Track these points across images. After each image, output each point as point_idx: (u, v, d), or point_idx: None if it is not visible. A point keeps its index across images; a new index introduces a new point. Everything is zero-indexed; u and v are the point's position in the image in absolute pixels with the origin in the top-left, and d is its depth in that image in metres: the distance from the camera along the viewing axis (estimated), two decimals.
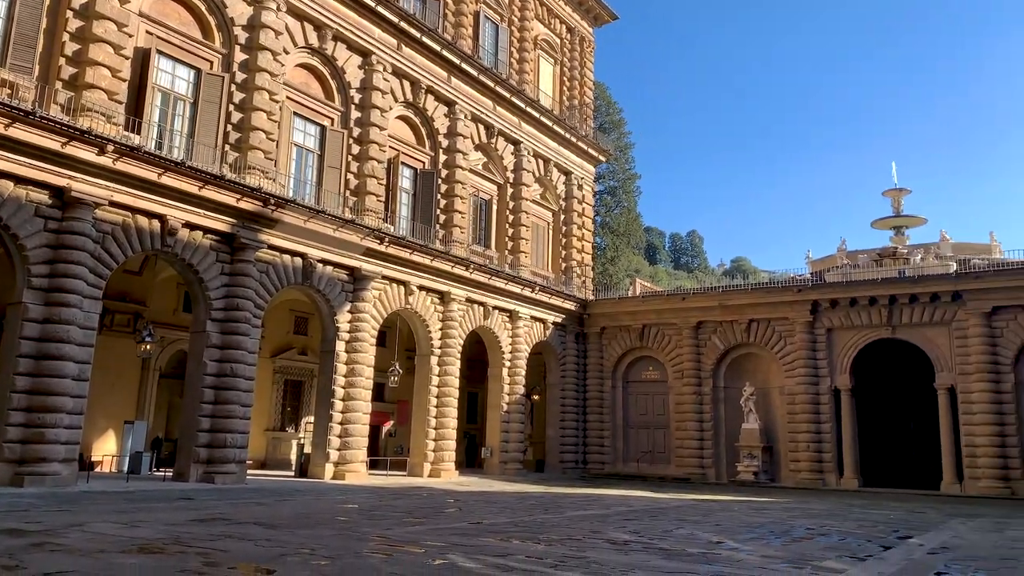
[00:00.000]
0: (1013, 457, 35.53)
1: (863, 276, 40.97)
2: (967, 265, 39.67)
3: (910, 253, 42.58)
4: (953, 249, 43.31)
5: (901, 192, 49.89)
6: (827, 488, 38.46)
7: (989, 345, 36.87)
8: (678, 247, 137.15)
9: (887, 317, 39.49)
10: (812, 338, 41.14)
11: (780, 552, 14.50)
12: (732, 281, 51.87)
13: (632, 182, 75.84)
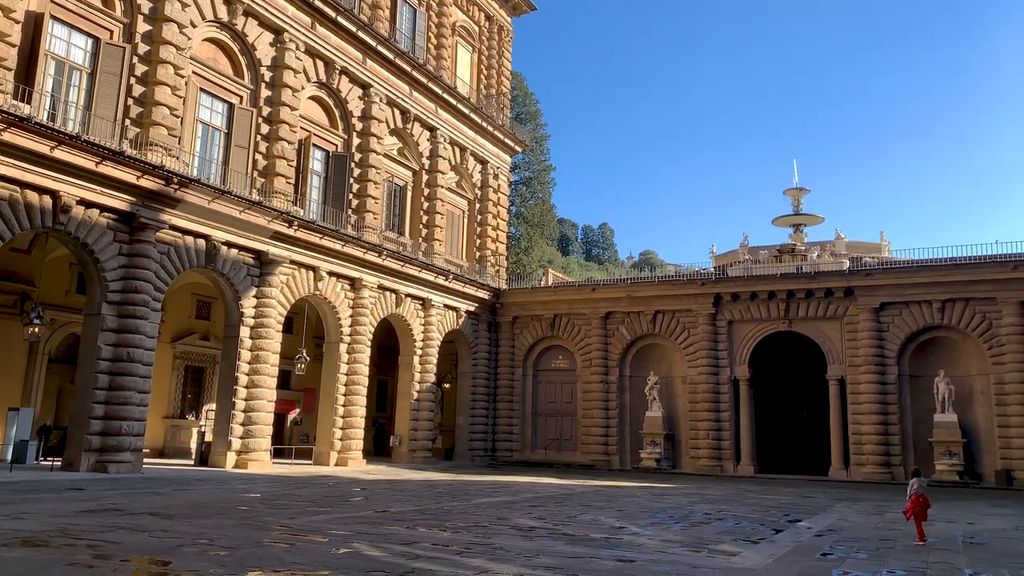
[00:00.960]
0: (895, 444, 37.85)
1: (763, 271, 42.66)
2: (859, 263, 41.89)
3: (807, 250, 44.57)
4: (847, 247, 45.53)
5: (801, 191, 52.04)
6: (725, 474, 40.02)
7: (877, 339, 39.09)
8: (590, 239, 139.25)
9: (784, 311, 41.31)
10: (714, 330, 42.63)
11: (679, 536, 15.03)
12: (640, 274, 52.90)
13: (547, 173, 76.49)
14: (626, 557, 11.96)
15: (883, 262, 42.77)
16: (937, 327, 38.47)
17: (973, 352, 37.85)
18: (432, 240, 43.07)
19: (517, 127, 55.17)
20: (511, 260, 64.53)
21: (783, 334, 41.84)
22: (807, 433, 45.37)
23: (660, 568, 10.99)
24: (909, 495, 15.23)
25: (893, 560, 12.46)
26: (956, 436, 36.07)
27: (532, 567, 10.71)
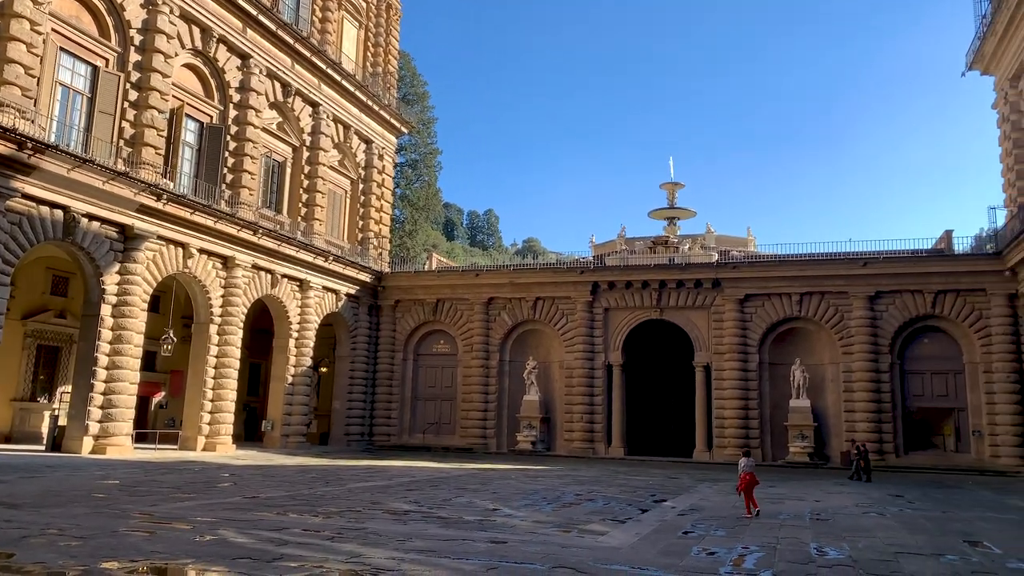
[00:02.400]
0: (754, 428, 40.22)
1: (638, 261, 44.17)
2: (727, 256, 44.15)
3: (680, 243, 46.48)
4: (716, 241, 47.84)
5: (676, 186, 54.13)
6: (597, 456, 41.34)
7: (741, 328, 41.33)
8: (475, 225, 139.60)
9: (657, 300, 42.96)
10: (591, 317, 43.83)
11: (551, 517, 15.42)
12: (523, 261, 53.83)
13: (433, 157, 75.91)
14: (498, 539, 12.16)
15: (749, 256, 45.30)
16: (795, 318, 41.07)
17: (826, 342, 40.68)
18: (312, 220, 41.94)
19: (404, 108, 54.47)
20: (395, 243, 63.79)
21: (655, 322, 43.52)
22: (675, 417, 47.49)
23: (531, 548, 11.24)
24: (740, 473, 16.79)
25: (748, 537, 13.25)
26: (808, 420, 38.74)
27: (405, 551, 10.72)
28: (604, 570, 9.64)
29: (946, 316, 38.79)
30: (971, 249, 41.19)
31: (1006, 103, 40.55)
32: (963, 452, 37.94)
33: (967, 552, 11.92)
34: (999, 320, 37.61)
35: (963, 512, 18.25)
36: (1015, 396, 36.54)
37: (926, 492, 24.39)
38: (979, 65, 42.66)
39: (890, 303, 39.47)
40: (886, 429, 38.32)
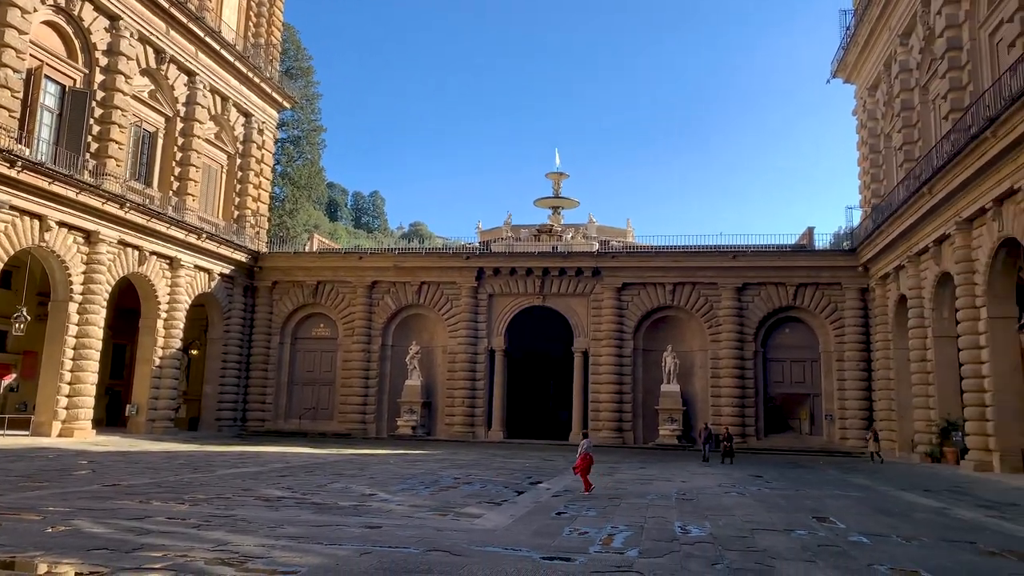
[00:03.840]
0: (627, 412, 41.72)
1: (523, 249, 44.74)
2: (607, 246, 45.42)
3: (563, 231, 47.39)
4: (598, 231, 49.04)
5: (561, 176, 55.07)
6: (477, 440, 41.73)
7: (617, 315, 42.67)
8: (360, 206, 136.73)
9: (540, 287, 43.71)
10: (475, 302, 44.07)
11: (427, 501, 15.45)
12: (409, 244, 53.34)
13: (317, 134, 73.84)
14: (374, 524, 12.08)
15: (627, 246, 46.79)
16: (668, 307, 42.80)
17: (696, 330, 42.62)
18: (185, 195, 39.97)
19: (287, 82, 52.64)
20: (274, 222, 61.76)
21: (537, 308, 44.25)
22: (553, 401, 48.57)
23: (406, 533, 11.24)
24: (579, 453, 17.85)
25: (618, 516, 13.75)
26: (678, 404, 40.54)
27: (276, 537, 10.48)
28: (478, 552, 9.77)
29: (806, 308, 41.46)
30: (830, 246, 44.18)
31: (864, 110, 43.56)
32: (816, 435, 40.80)
33: (815, 528, 12.83)
34: (852, 312, 40.55)
35: (814, 490, 19.63)
36: (863, 383, 39.54)
37: (782, 472, 26.05)
38: (842, 73, 45.60)
39: (756, 294, 41.77)
40: (748, 413, 40.66)
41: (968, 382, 27.13)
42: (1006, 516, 14.68)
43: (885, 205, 36.85)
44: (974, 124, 25.73)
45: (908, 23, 35.28)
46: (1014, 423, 25.09)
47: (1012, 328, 25.39)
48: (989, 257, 25.96)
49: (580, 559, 9.48)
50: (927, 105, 34.74)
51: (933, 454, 30.79)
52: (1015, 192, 23.60)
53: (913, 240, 32.94)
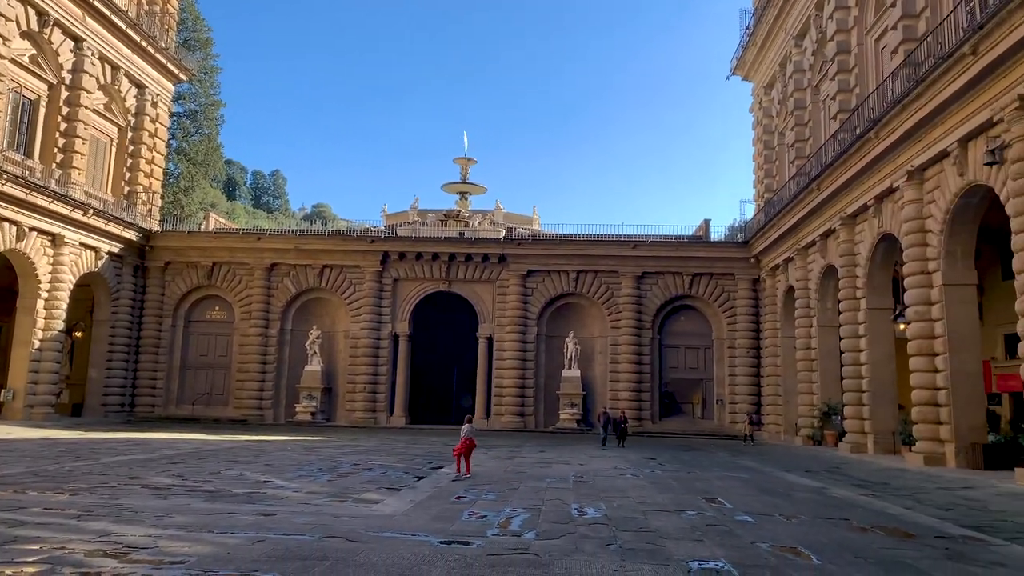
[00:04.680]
0: (529, 396, 42.30)
1: (430, 234, 44.50)
2: (513, 233, 45.73)
3: (471, 217, 47.40)
4: (504, 218, 49.30)
5: (469, 161, 55.07)
6: (378, 426, 41.39)
7: (522, 302, 43.10)
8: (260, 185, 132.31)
9: (446, 272, 43.61)
10: (380, 287, 43.56)
11: (325, 488, 15.22)
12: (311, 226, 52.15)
13: (216, 109, 70.82)
14: (268, 511, 11.81)
15: (533, 234, 47.25)
16: (571, 294, 43.55)
17: (597, 317, 43.55)
18: (70, 168, 37.68)
19: (184, 53, 50.28)
20: (167, 199, 59.04)
21: (443, 294, 44.16)
22: (457, 386, 48.65)
23: (302, 520, 11.04)
24: (461, 437, 18.32)
25: (516, 500, 13.93)
26: (578, 389, 41.38)
27: (163, 526, 10.10)
28: (375, 538, 9.71)
29: (700, 297, 43.00)
30: (724, 238, 45.94)
31: (760, 108, 45.35)
32: (708, 418, 42.50)
33: (704, 508, 13.37)
34: (743, 302, 42.34)
35: (704, 472, 20.45)
36: (752, 369, 41.42)
37: (675, 455, 27.00)
38: (741, 71, 47.28)
39: (654, 283, 43.02)
40: (645, 398, 41.95)
41: (847, 369, 28.83)
42: (877, 494, 15.70)
43: (777, 200, 38.56)
44: (859, 125, 27.22)
45: (803, 25, 36.90)
46: (887, 408, 26.85)
47: (888, 319, 27.10)
48: (870, 251, 27.60)
49: (478, 542, 9.56)
50: (818, 105, 36.48)
51: (815, 437, 32.59)
52: (894, 191, 25.13)
53: (801, 234, 34.62)
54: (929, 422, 22.52)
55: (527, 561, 8.45)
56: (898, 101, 23.11)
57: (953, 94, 20.37)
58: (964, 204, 21.73)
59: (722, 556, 8.89)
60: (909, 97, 22.38)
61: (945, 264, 22.39)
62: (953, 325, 22.08)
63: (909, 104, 22.57)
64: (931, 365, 22.69)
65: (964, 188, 21.25)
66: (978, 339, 22.66)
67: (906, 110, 22.85)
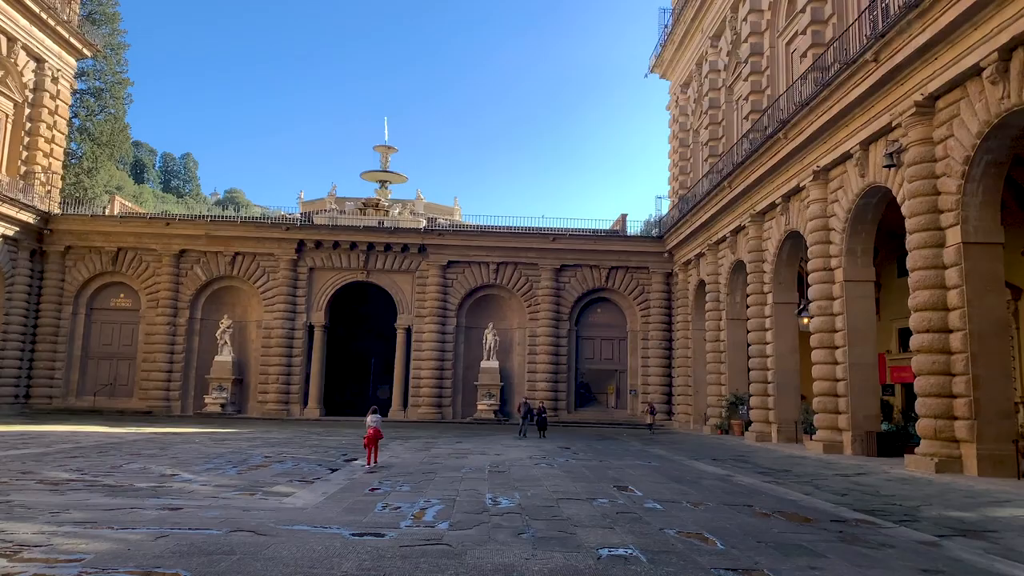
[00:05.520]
0: (447, 388, 42.25)
1: (348, 222, 43.80)
2: (434, 223, 45.51)
3: (391, 206, 46.89)
4: (425, 208, 49.04)
5: (389, 149, 54.31)
6: (292, 418, 40.58)
7: (442, 293, 42.97)
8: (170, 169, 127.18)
9: (364, 262, 43.03)
10: (295, 276, 42.63)
11: (234, 481, 14.84)
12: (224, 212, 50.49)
13: (123, 87, 67.62)
14: (173, 505, 11.44)
15: (454, 225, 47.14)
16: (491, 285, 43.69)
17: (516, 308, 43.84)
18: None
19: (88, 27, 47.80)
20: (69, 181, 56.16)
21: (361, 284, 43.58)
22: (374, 377, 48.17)
23: (209, 514, 10.73)
24: (367, 428, 18.43)
25: (431, 491, 13.91)
26: (496, 380, 41.59)
27: (59, 523, 9.64)
28: (285, 531, 9.53)
29: (616, 289, 43.84)
30: (640, 232, 46.89)
31: (677, 106, 46.43)
32: (622, 408, 43.44)
33: (615, 496, 13.66)
34: (657, 295, 43.38)
35: (616, 461, 20.89)
36: (664, 360, 42.53)
37: (589, 444, 27.48)
38: (659, 70, 48.25)
39: (572, 275, 43.60)
40: (561, 388, 42.53)
41: (754, 361, 29.93)
42: (779, 481, 16.38)
43: (690, 196, 39.61)
44: (769, 126, 28.21)
45: (719, 26, 37.93)
46: (790, 398, 28.02)
47: (793, 313, 28.26)
48: (776, 248, 28.68)
49: (391, 534, 9.50)
50: (731, 105, 37.61)
51: (723, 426, 33.74)
52: (800, 190, 26.17)
53: (713, 230, 35.67)
54: (828, 412, 23.62)
55: (440, 552, 8.46)
56: (806, 103, 24.05)
57: (856, 98, 21.32)
58: (864, 204, 22.82)
59: (631, 543, 9.11)
60: (816, 100, 23.33)
61: (846, 261, 23.47)
62: (852, 320, 23.19)
63: (816, 107, 23.52)
64: (831, 357, 23.77)
65: (865, 189, 22.31)
66: (874, 333, 23.85)
67: (813, 112, 23.81)
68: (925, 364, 18.42)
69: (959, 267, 17.83)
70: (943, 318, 18.22)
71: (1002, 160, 17.69)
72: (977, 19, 16.43)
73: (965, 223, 17.86)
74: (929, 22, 17.56)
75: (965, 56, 17.09)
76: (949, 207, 18.26)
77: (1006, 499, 13.61)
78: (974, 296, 17.59)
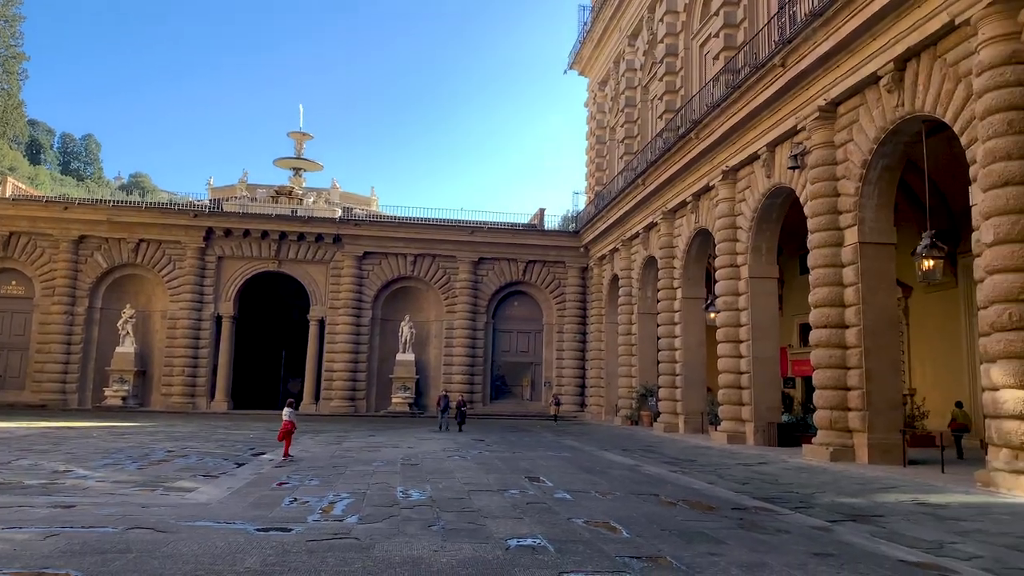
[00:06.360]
0: (361, 381, 41.73)
1: (260, 210, 42.61)
2: (350, 213, 44.76)
3: (305, 195, 45.85)
4: (341, 197, 48.17)
5: (304, 136, 53.02)
6: (198, 411, 39.29)
7: (357, 284, 42.36)
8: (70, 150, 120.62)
9: (276, 251, 41.97)
10: (202, 264, 41.21)
11: (134, 476, 14.27)
12: (128, 197, 48.23)
13: (17, 62, 63.92)
14: (66, 503, 10.90)
15: (371, 215, 46.50)
16: (409, 277, 43.36)
17: (434, 301, 43.65)
18: None
19: None
20: None
21: (273, 274, 42.51)
22: (285, 370, 47.12)
23: (105, 511, 10.28)
24: (283, 420, 18.30)
25: (341, 484, 13.71)
26: (412, 373, 41.34)
27: None
28: (186, 528, 9.22)
29: (533, 283, 44.23)
30: (558, 227, 47.38)
31: (595, 103, 47.09)
32: (536, 400, 43.90)
33: (526, 487, 13.79)
34: (573, 289, 43.99)
35: (529, 452, 21.08)
36: (579, 353, 43.20)
37: (503, 436, 27.65)
38: (578, 67, 48.82)
39: (490, 269, 43.73)
40: (477, 381, 42.66)
41: (663, 354, 30.73)
42: (684, 471, 16.88)
43: (606, 193, 40.28)
44: (682, 126, 28.94)
45: (636, 26, 38.64)
46: (697, 390, 28.92)
47: (701, 307, 29.13)
48: (687, 245, 29.49)
49: (297, 529, 9.33)
50: (647, 104, 38.40)
51: (633, 417, 34.52)
52: (710, 189, 26.97)
53: (627, 226, 36.39)
54: (733, 403, 24.48)
55: (347, 545, 8.36)
56: (717, 105, 24.79)
57: (764, 101, 22.10)
58: (770, 204, 23.70)
59: (539, 533, 9.22)
60: (727, 102, 24.06)
61: (751, 258, 24.34)
62: (756, 315, 24.07)
63: (726, 108, 24.26)
64: (736, 351, 24.64)
65: (770, 189, 23.17)
66: (777, 328, 24.84)
67: (724, 114, 24.56)
68: (822, 358, 19.31)
69: (855, 266, 18.74)
70: (840, 314, 19.13)
71: (896, 165, 18.68)
72: (876, 30, 17.27)
73: (862, 224, 18.78)
74: (832, 31, 18.35)
75: (865, 65, 17.95)
76: (847, 208, 19.17)
77: (893, 485, 14.43)
78: (868, 293, 18.54)
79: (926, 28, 15.89)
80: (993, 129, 13.96)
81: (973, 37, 14.70)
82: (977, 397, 18.17)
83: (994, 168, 13.93)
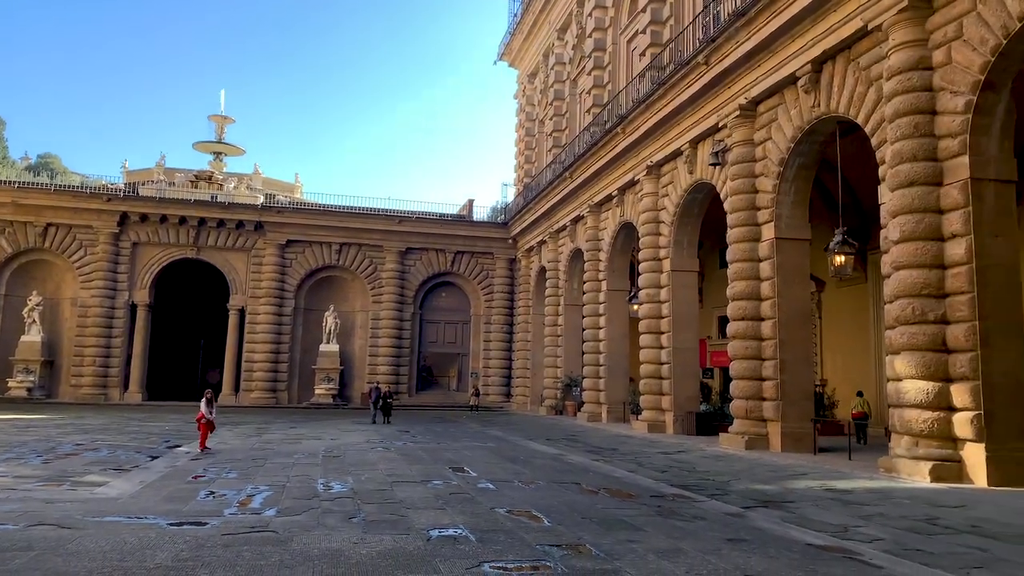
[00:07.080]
0: (283, 372, 40.89)
1: (178, 195, 41.17)
2: (273, 200, 43.69)
3: (225, 180, 44.51)
4: (264, 183, 46.96)
5: (226, 120, 51.56)
6: (110, 403, 37.79)
7: (280, 273, 41.42)
8: None
9: (195, 238, 40.64)
10: (116, 250, 39.60)
11: (38, 471, 13.65)
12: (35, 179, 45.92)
13: None
14: None
15: (295, 202, 45.53)
16: (333, 267, 42.66)
17: (359, 290, 43.09)
18: None
19: None
20: None
21: (191, 261, 41.18)
22: (204, 360, 45.77)
23: (5, 508, 9.79)
24: (199, 412, 18.06)
25: (260, 477, 13.42)
26: (336, 364, 40.74)
27: None
28: (94, 523, 8.86)
29: (461, 274, 44.14)
30: (487, 218, 47.42)
31: (524, 95, 47.20)
32: (463, 391, 43.89)
33: (450, 477, 13.78)
34: (501, 280, 44.11)
35: (454, 443, 21.07)
36: (506, 344, 43.40)
37: (428, 427, 27.55)
38: (508, 58, 48.83)
39: (418, 259, 43.43)
40: (403, 372, 42.36)
41: (588, 345, 31.15)
42: (606, 459, 17.17)
43: (534, 185, 40.48)
44: (609, 120, 29.30)
45: (565, 19, 38.87)
46: (620, 380, 29.44)
47: (624, 299, 29.63)
48: (612, 238, 29.93)
49: (213, 522, 9.08)
50: (575, 97, 38.71)
51: (557, 407, 34.91)
52: (635, 183, 27.42)
53: (555, 219, 36.68)
54: (653, 393, 25.02)
55: (264, 538, 8.19)
56: (643, 101, 25.18)
57: (688, 98, 22.56)
58: (692, 199, 24.25)
59: (462, 523, 9.23)
60: (652, 98, 24.47)
61: (673, 252, 24.88)
62: (677, 307, 24.64)
63: (652, 104, 24.67)
64: (657, 342, 25.17)
65: (692, 185, 23.71)
66: (697, 320, 25.47)
67: (649, 110, 24.97)
68: (739, 349, 19.91)
69: (772, 260, 19.37)
70: (756, 307, 19.75)
71: (812, 164, 19.37)
72: (795, 32, 17.83)
73: (778, 220, 19.41)
74: (754, 31, 18.86)
75: (784, 65, 18.52)
76: (765, 205, 19.78)
77: (803, 472, 15.01)
78: (784, 287, 19.18)
79: (841, 32, 16.49)
80: (901, 131, 14.60)
81: (885, 42, 15.33)
82: (883, 387, 19.05)
83: (901, 169, 14.58)
